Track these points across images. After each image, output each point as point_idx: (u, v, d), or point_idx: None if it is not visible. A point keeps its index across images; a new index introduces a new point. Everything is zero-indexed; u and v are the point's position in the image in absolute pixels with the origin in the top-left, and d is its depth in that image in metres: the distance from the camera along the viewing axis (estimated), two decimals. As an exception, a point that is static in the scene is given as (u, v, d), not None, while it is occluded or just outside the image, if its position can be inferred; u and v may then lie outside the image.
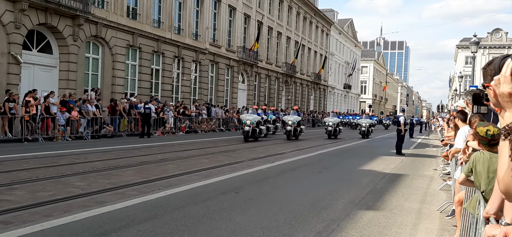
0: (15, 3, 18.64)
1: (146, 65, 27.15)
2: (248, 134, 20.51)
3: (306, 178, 10.81)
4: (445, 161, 13.48)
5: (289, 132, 22.84)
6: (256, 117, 21.20)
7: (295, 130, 23.28)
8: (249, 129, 20.48)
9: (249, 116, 21.36)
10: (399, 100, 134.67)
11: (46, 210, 6.26)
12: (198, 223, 5.96)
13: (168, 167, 11.12)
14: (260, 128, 21.69)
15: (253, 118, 20.97)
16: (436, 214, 7.32)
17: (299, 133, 24.00)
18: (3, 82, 18.44)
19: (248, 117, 21.10)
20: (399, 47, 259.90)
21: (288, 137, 22.74)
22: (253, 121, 20.68)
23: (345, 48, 74.90)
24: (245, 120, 20.93)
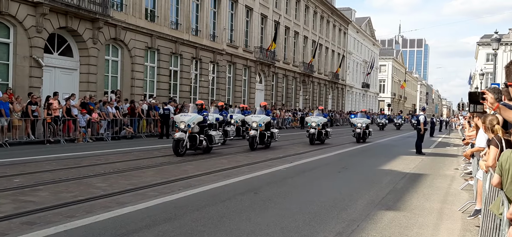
0: (36, 7, 19.01)
1: (164, 66, 27.39)
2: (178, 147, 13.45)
3: (325, 178, 10.77)
4: (466, 160, 13.27)
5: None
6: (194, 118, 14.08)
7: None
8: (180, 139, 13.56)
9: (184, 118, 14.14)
10: (419, 98, 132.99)
11: (69, 211, 6.38)
12: (217, 223, 5.99)
13: (187, 167, 11.20)
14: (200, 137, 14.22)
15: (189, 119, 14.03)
16: (458, 215, 7.22)
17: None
18: (26, 85, 18.84)
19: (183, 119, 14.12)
20: (418, 45, 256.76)
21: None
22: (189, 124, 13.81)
23: (363, 47, 74.30)
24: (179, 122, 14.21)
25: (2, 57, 18.57)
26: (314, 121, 20.10)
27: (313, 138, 19.77)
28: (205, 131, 14.64)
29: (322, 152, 16.65)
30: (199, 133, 14.26)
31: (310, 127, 20.11)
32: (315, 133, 19.76)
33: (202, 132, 14.43)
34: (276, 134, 18.36)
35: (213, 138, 14.63)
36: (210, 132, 14.97)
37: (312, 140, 19.74)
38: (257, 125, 16.65)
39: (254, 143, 16.29)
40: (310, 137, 19.79)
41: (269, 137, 17.73)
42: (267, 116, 17.89)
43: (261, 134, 17.06)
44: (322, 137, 20.58)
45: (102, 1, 21.74)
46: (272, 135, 17.89)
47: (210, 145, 14.75)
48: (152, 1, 26.59)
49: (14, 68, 18.72)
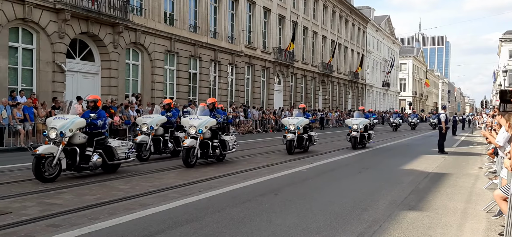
0: (59, 13, 19.40)
1: (183, 69, 27.63)
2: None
3: (346, 178, 10.70)
4: (490, 159, 13.02)
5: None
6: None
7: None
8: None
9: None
10: (440, 97, 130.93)
11: (92, 213, 6.49)
12: (238, 224, 6.02)
13: (208, 169, 11.27)
14: None
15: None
16: (482, 214, 7.09)
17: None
18: (49, 90, 19.24)
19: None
20: (439, 43, 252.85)
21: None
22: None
23: (382, 46, 73.55)
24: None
25: (26, 63, 19.01)
26: (292, 123, 15.54)
27: (292, 146, 15.14)
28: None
29: (342, 153, 16.54)
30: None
31: (287, 131, 15.60)
32: (293, 139, 15.14)
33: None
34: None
35: None
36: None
37: (291, 148, 15.08)
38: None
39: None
40: (287, 145, 15.12)
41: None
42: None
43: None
44: (303, 144, 16.06)
45: (122, 6, 22.06)
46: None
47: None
48: (171, 5, 26.85)
49: (38, 74, 19.14)
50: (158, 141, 13.27)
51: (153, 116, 13.70)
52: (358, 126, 17.95)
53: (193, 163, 11.37)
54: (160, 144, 13.31)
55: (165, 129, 13.59)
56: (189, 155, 11.30)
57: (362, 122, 18.31)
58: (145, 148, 12.82)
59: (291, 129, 15.53)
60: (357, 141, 17.90)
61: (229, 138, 12.95)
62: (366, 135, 18.53)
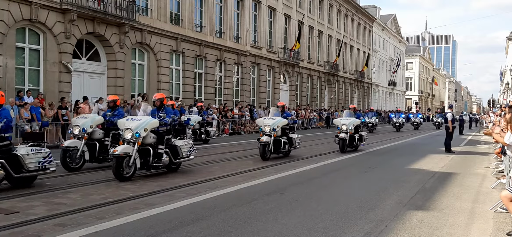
0: (65, 14, 19.49)
1: (189, 69, 27.67)
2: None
3: (352, 178, 10.67)
4: (498, 158, 12.94)
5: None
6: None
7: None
8: None
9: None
10: (447, 96, 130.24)
11: (99, 212, 6.51)
12: (244, 224, 6.02)
13: (214, 169, 11.28)
14: None
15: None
16: (489, 214, 7.04)
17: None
18: (56, 90, 19.34)
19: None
20: (445, 41, 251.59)
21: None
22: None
23: (388, 45, 73.26)
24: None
25: (33, 63, 19.11)
26: (267, 124, 13.51)
27: (266, 150, 13.18)
28: None
29: (349, 152, 16.50)
30: None
31: (261, 133, 13.53)
32: (268, 143, 13.21)
33: None
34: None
35: None
36: None
37: (265, 153, 13.11)
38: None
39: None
40: (261, 149, 13.13)
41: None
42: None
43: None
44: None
45: (128, 6, 22.12)
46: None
47: None
48: (177, 4, 26.90)
49: (44, 74, 19.24)
50: None
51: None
52: (347, 127, 16.07)
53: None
54: None
55: None
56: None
57: (352, 123, 16.32)
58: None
59: (266, 131, 13.37)
60: (346, 144, 15.97)
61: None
62: (357, 136, 16.69)
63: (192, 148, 10.81)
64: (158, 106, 10.49)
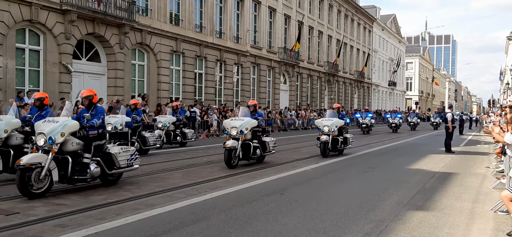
0: (65, 14, 19.50)
1: (189, 69, 27.67)
2: None
3: (352, 178, 10.67)
4: (498, 158, 12.94)
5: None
6: None
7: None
8: None
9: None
10: (447, 96, 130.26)
11: (99, 213, 6.52)
12: (244, 224, 6.02)
13: (214, 169, 11.28)
14: None
15: None
16: (490, 214, 7.04)
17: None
18: (56, 91, 19.34)
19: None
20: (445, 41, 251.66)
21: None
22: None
23: (388, 45, 73.25)
24: None
25: (33, 64, 19.12)
26: (234, 126, 11.87)
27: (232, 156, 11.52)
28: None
29: (348, 152, 16.51)
30: None
31: (228, 137, 11.87)
32: (235, 148, 11.52)
33: None
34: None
35: None
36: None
37: (230, 159, 11.46)
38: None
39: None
40: (226, 155, 11.45)
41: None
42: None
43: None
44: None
45: (128, 6, 22.12)
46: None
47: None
48: (177, 5, 26.90)
49: (45, 75, 19.25)
50: None
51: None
52: (329, 129, 14.44)
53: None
54: None
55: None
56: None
57: (335, 123, 14.65)
58: None
59: (233, 134, 11.78)
60: (328, 148, 14.48)
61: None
62: (341, 139, 14.95)
63: (134, 155, 9.04)
64: (87, 105, 8.66)
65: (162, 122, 16.84)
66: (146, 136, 14.63)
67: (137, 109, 15.49)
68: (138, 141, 14.35)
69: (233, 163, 11.46)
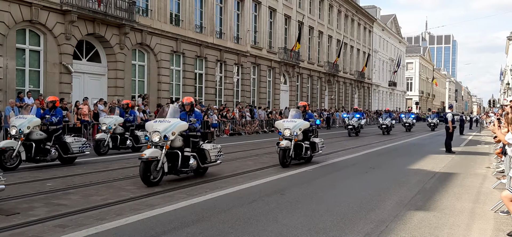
0: (65, 15, 19.50)
1: (189, 70, 27.68)
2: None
3: (353, 178, 10.67)
4: (498, 159, 12.93)
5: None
6: None
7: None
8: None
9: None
10: (447, 96, 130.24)
11: (99, 213, 6.52)
12: (245, 225, 6.02)
13: (214, 169, 11.25)
14: None
15: None
16: (490, 214, 7.04)
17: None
18: (56, 91, 19.31)
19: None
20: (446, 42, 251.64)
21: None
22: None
23: (389, 45, 73.25)
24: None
25: (33, 64, 19.13)
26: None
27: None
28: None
29: (349, 152, 16.51)
30: None
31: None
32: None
33: None
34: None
35: None
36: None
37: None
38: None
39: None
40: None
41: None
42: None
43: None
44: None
45: (128, 7, 22.13)
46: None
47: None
48: (177, 5, 26.91)
49: (45, 75, 19.26)
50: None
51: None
52: (291, 132, 11.82)
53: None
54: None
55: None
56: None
57: (299, 126, 12.01)
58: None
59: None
60: (290, 155, 11.83)
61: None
62: (306, 145, 12.31)
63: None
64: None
65: (106, 124, 14.57)
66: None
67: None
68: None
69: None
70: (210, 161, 10.01)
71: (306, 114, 12.88)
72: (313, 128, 13.24)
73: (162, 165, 8.85)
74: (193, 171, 9.71)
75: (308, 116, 12.91)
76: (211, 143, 10.35)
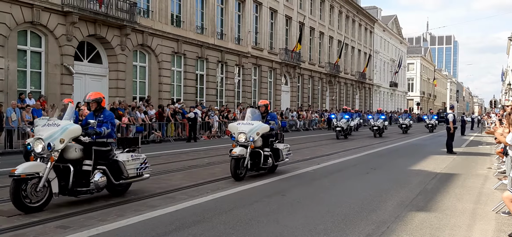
0: (66, 16, 19.53)
1: (190, 70, 27.70)
2: None
3: (354, 179, 10.66)
4: (500, 159, 12.91)
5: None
6: None
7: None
8: None
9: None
10: (449, 96, 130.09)
11: (101, 214, 6.52)
12: (246, 226, 6.02)
13: (215, 170, 11.27)
14: None
15: None
16: (491, 215, 7.03)
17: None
18: (57, 93, 19.38)
19: None
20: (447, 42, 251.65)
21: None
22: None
23: (390, 45, 73.24)
24: None
25: (35, 65, 19.16)
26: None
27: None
28: None
29: (350, 153, 16.50)
30: None
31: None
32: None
33: None
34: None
35: None
36: None
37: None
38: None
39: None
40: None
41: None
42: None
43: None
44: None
45: (129, 8, 22.16)
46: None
47: None
48: (178, 6, 26.94)
49: (46, 76, 19.29)
50: None
51: None
52: (246, 137, 9.69)
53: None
54: None
55: None
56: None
57: (256, 129, 9.84)
58: None
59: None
60: (245, 164, 9.66)
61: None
62: (266, 152, 10.21)
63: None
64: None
65: None
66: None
67: None
68: None
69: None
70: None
71: (268, 115, 10.57)
72: (276, 132, 11.12)
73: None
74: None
75: (270, 117, 10.56)
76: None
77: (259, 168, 10.24)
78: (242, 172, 9.68)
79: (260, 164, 10.17)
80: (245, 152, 9.60)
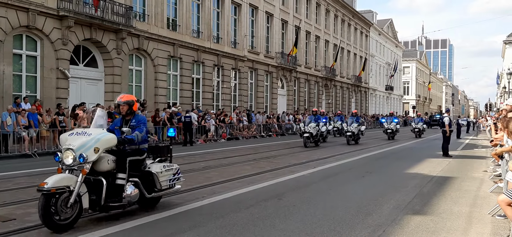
0: (62, 20, 19.49)
1: (187, 74, 27.68)
2: None
3: (350, 183, 10.66)
4: (495, 162, 12.95)
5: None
6: None
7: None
8: None
9: None
10: (444, 100, 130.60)
11: (95, 220, 6.47)
12: (242, 230, 6.00)
13: (211, 174, 11.25)
14: None
15: None
16: (487, 218, 7.04)
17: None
18: (53, 97, 19.31)
19: None
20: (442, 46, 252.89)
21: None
22: None
23: (385, 49, 73.50)
24: None
25: (30, 69, 19.09)
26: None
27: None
28: None
29: (347, 157, 16.50)
30: None
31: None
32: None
33: None
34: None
35: None
36: None
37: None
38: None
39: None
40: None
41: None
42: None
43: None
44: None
45: (125, 12, 22.14)
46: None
47: None
48: (174, 10, 26.94)
49: (42, 80, 19.22)
50: None
51: None
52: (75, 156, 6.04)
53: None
54: None
55: None
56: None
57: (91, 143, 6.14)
58: None
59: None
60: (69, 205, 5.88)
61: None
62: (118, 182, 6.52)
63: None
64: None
65: None
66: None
67: None
68: None
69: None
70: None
71: (132, 119, 7.01)
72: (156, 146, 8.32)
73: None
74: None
75: (134, 121, 6.97)
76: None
77: (104, 207, 6.33)
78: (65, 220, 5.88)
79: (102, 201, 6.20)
80: (73, 183, 5.93)
